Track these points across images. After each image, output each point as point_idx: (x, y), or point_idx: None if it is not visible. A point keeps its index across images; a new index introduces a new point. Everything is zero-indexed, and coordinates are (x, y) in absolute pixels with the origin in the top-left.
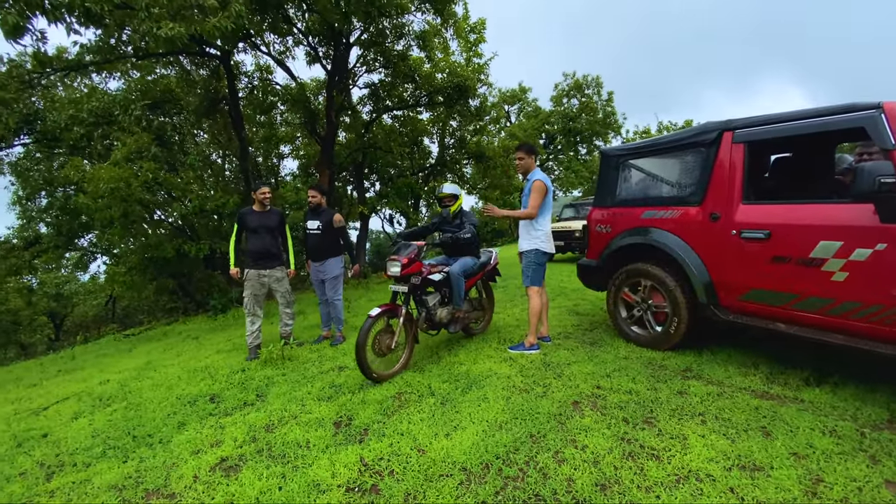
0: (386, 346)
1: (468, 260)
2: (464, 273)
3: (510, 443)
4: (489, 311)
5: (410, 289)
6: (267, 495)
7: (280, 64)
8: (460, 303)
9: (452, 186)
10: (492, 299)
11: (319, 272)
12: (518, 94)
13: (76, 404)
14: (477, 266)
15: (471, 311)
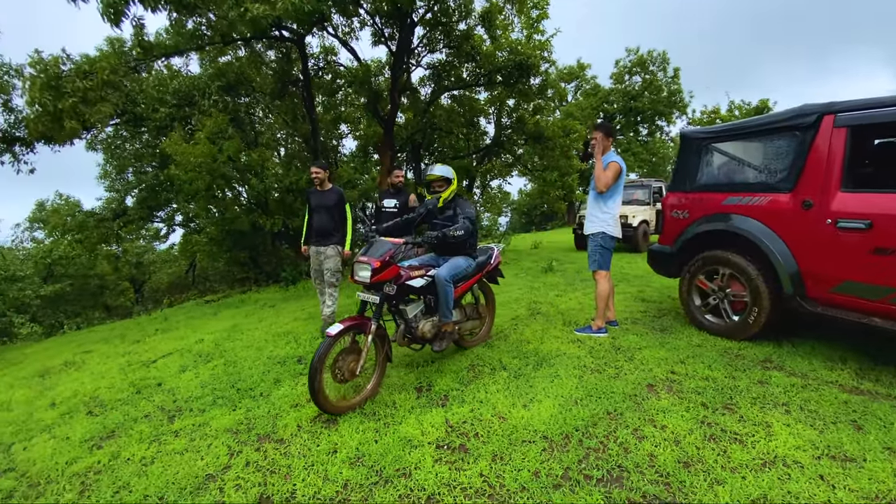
0: (349, 370)
1: (460, 261)
2: (453, 278)
3: (588, 417)
4: (489, 318)
5: (383, 298)
6: (366, 446)
7: (345, 45)
8: (448, 315)
9: (443, 168)
10: (492, 304)
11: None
12: (576, 72)
13: (180, 359)
14: (472, 268)
15: (463, 322)
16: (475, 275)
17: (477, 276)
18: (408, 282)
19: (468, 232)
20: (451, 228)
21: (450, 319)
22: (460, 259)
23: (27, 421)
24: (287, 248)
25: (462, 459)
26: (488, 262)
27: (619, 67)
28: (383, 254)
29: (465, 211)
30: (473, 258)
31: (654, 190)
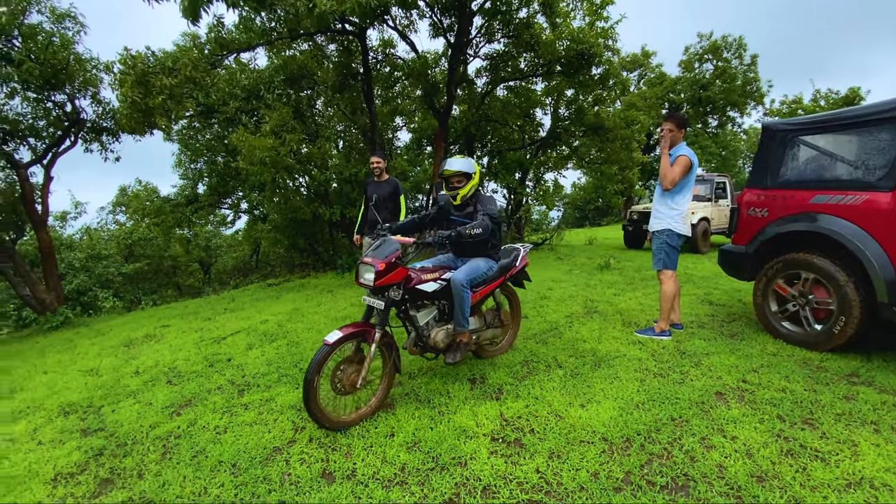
0: (350, 381)
1: (480, 263)
2: (471, 282)
3: (650, 422)
4: (513, 326)
5: (389, 304)
6: (422, 432)
7: (404, 38)
8: (464, 323)
9: (463, 161)
10: (517, 311)
11: None
12: (640, 59)
13: (247, 337)
14: (494, 271)
15: (482, 330)
16: (498, 278)
17: (500, 279)
18: (419, 286)
19: (487, 230)
20: (468, 226)
21: (466, 328)
22: (480, 261)
23: (114, 386)
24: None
25: (518, 454)
26: (513, 265)
27: (689, 54)
28: (389, 254)
29: (486, 207)
30: (496, 260)
31: (717, 185)
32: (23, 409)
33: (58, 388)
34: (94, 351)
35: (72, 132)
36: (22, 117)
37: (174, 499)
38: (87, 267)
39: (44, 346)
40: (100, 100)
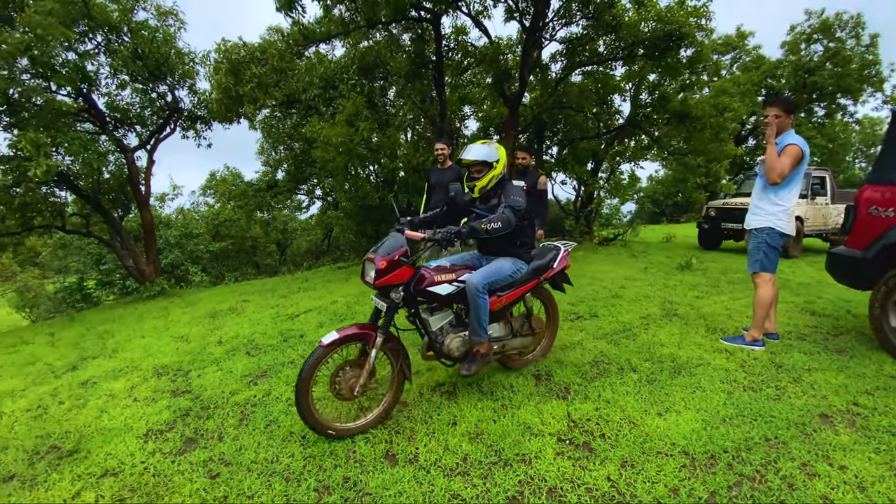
0: (349, 386)
1: (504, 264)
2: (490, 286)
3: (740, 440)
4: (548, 334)
5: (392, 307)
6: (484, 424)
7: (478, 23)
8: (480, 333)
9: (483, 148)
10: (554, 317)
11: None
12: (734, 41)
13: (318, 316)
14: (523, 272)
15: (508, 339)
16: (529, 281)
17: (532, 282)
18: (431, 287)
19: (507, 225)
20: (485, 220)
21: (483, 338)
22: (506, 262)
23: (201, 353)
24: None
25: (587, 458)
26: (549, 266)
27: (795, 35)
28: (392, 251)
29: (511, 199)
30: (527, 260)
31: (814, 180)
32: (122, 369)
33: (153, 351)
34: (185, 319)
35: (171, 120)
36: (130, 106)
37: (249, 463)
38: (181, 244)
39: (142, 313)
40: (196, 90)
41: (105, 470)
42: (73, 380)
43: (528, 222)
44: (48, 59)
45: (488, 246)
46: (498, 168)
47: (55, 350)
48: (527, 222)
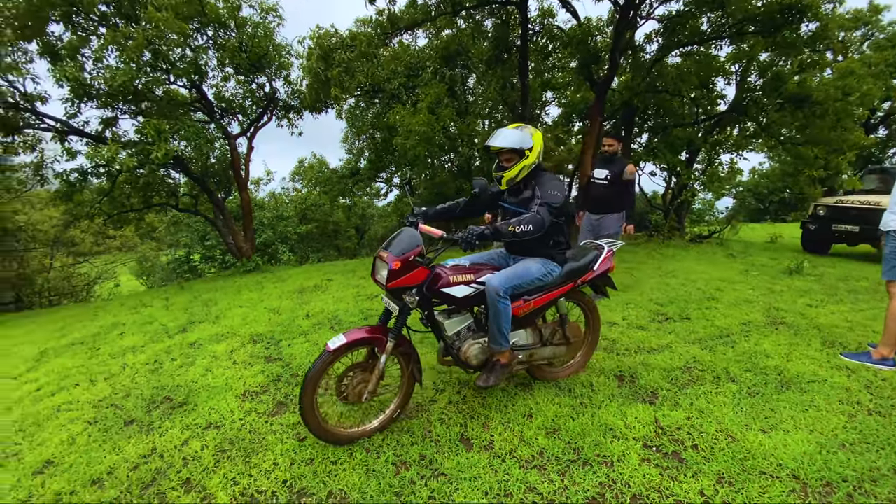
0: (356, 392)
1: (532, 266)
2: (512, 290)
3: (864, 469)
4: (587, 345)
5: (404, 310)
6: (562, 420)
7: (566, 5)
8: (500, 341)
9: (513, 133)
10: (594, 324)
11: (594, 226)
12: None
13: None
14: (555, 275)
15: (536, 348)
16: (563, 284)
17: (567, 285)
18: (446, 289)
19: (539, 227)
20: (513, 221)
21: (504, 347)
22: (533, 263)
23: (290, 325)
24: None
25: (676, 468)
26: (589, 268)
27: None
28: (408, 251)
29: (546, 194)
30: (560, 262)
31: None
32: (224, 334)
33: (249, 320)
34: (276, 293)
35: (269, 110)
36: (234, 97)
37: None
38: (272, 225)
39: (240, 285)
40: (290, 81)
41: (209, 423)
42: (183, 340)
43: (564, 219)
44: (167, 54)
45: (516, 245)
46: (531, 157)
47: (169, 313)
48: (563, 219)
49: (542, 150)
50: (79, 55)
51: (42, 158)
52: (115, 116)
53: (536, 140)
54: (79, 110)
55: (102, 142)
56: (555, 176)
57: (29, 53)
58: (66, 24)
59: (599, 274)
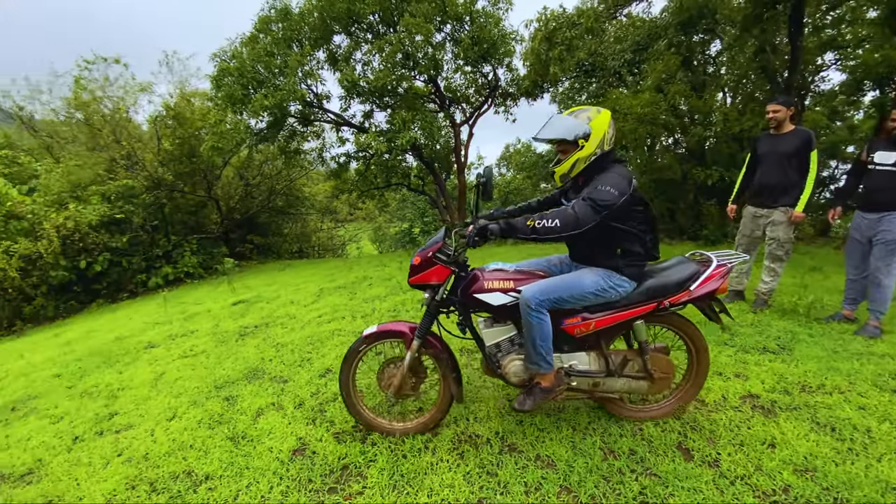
0: (387, 384)
1: (585, 277)
2: (552, 303)
3: None
4: (689, 384)
5: (432, 309)
6: (819, 461)
7: None
8: (538, 361)
9: (563, 122)
10: (701, 361)
11: (871, 228)
12: None
13: None
14: (621, 293)
15: (601, 378)
16: (642, 304)
17: (647, 306)
18: (479, 294)
19: (570, 224)
20: (538, 215)
21: (544, 369)
22: (588, 274)
23: None
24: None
25: None
26: (683, 287)
27: None
28: (429, 247)
29: (596, 189)
30: (630, 275)
31: None
32: None
33: None
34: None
35: (490, 97)
36: (459, 87)
37: None
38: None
39: None
40: (512, 68)
41: None
42: (413, 296)
43: (641, 225)
44: (415, 54)
45: (577, 251)
46: (588, 147)
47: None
48: (637, 224)
49: (612, 136)
50: (351, 60)
51: (323, 144)
52: (371, 110)
53: (597, 126)
54: (349, 106)
55: (364, 131)
56: (623, 170)
57: (319, 61)
58: (346, 34)
59: (701, 296)
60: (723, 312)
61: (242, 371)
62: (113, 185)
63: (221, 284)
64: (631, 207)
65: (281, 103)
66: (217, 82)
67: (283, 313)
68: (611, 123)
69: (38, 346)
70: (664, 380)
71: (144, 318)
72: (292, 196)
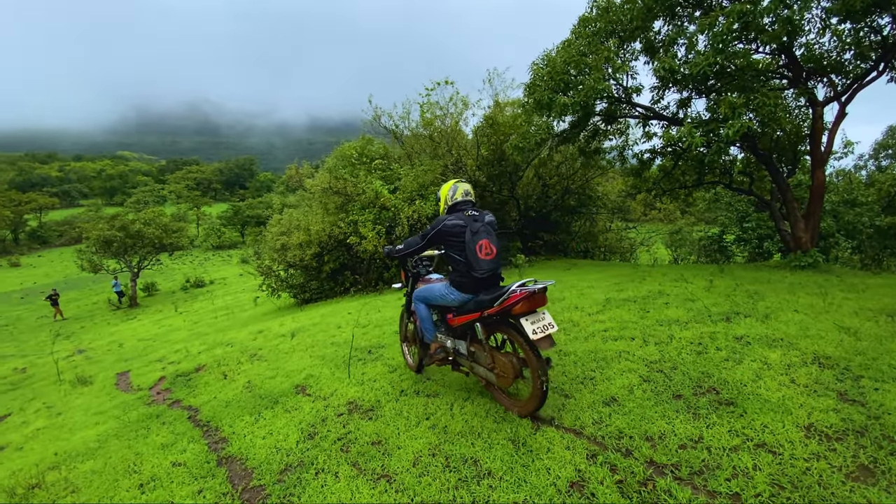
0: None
1: (435, 286)
2: (424, 299)
3: None
4: (530, 393)
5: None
6: None
7: None
8: (423, 332)
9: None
10: (535, 374)
11: None
12: None
13: None
14: (455, 300)
15: (463, 358)
16: (472, 311)
17: (475, 314)
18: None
19: (396, 251)
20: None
21: (428, 339)
22: (438, 284)
23: (876, 359)
24: None
25: None
26: (492, 304)
27: None
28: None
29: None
30: (459, 287)
31: None
32: (776, 339)
33: (811, 334)
34: (850, 307)
35: (883, 61)
36: (827, 53)
37: None
38: (836, 212)
39: (792, 283)
40: None
41: (762, 442)
42: (728, 331)
43: (458, 255)
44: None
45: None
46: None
47: (709, 295)
48: (456, 255)
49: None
50: (674, 45)
51: (626, 142)
52: (689, 97)
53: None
54: (661, 96)
55: (677, 123)
56: (443, 218)
57: (634, 52)
58: (667, 18)
59: (499, 311)
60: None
61: None
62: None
63: (512, 277)
64: (445, 239)
65: (586, 101)
66: (530, 89)
67: (567, 318)
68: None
69: (388, 304)
70: (503, 377)
71: None
72: (584, 195)
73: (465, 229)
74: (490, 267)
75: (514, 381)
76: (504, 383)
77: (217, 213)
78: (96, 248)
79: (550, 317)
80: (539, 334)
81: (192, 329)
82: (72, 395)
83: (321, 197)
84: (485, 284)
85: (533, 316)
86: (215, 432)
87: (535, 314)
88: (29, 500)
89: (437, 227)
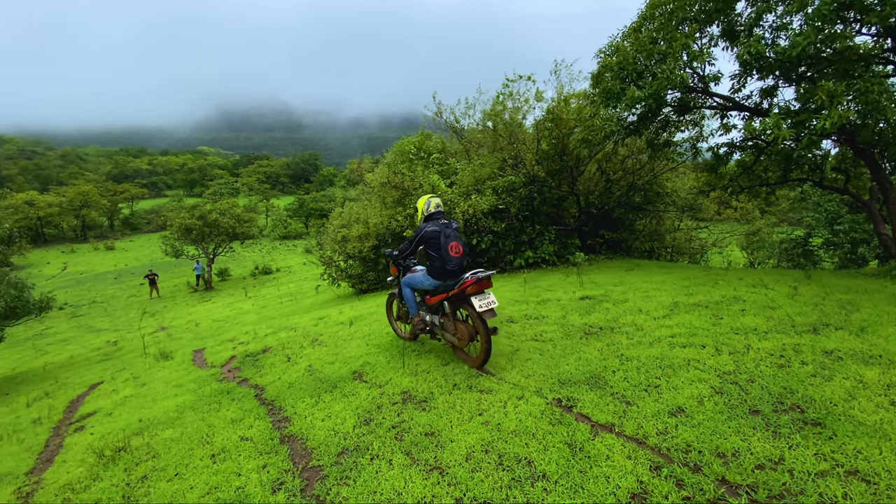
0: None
1: (417, 274)
2: (410, 284)
3: None
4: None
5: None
6: None
7: None
8: (408, 310)
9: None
10: (484, 336)
11: None
12: None
13: None
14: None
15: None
16: (441, 293)
17: (443, 295)
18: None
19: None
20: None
21: (412, 314)
22: (420, 273)
23: None
24: None
25: None
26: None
27: None
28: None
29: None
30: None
31: None
32: (873, 356)
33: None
34: None
35: None
36: None
37: None
38: None
39: (892, 294)
40: None
41: (854, 469)
42: (815, 344)
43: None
44: None
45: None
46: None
47: (794, 304)
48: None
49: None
50: (758, 27)
51: (700, 134)
52: (775, 85)
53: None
54: (743, 85)
55: (760, 114)
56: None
57: (713, 37)
58: None
59: (458, 292)
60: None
61: (584, 374)
62: (501, 180)
63: (571, 275)
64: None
65: (658, 92)
66: (596, 79)
67: (630, 321)
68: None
69: None
70: (461, 340)
71: (508, 294)
72: (651, 191)
73: (440, 234)
74: (458, 262)
75: (468, 343)
76: (462, 344)
77: (284, 205)
78: (178, 235)
79: (493, 296)
80: (484, 307)
81: (259, 313)
82: (155, 367)
83: (380, 191)
84: (452, 275)
85: (481, 296)
86: (279, 411)
87: (482, 294)
88: (116, 461)
89: (420, 234)
